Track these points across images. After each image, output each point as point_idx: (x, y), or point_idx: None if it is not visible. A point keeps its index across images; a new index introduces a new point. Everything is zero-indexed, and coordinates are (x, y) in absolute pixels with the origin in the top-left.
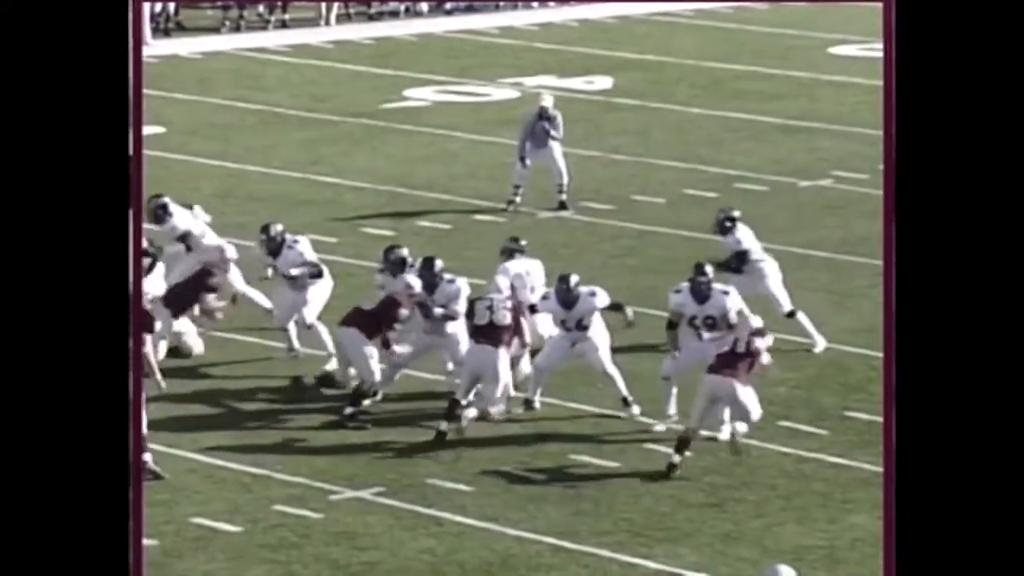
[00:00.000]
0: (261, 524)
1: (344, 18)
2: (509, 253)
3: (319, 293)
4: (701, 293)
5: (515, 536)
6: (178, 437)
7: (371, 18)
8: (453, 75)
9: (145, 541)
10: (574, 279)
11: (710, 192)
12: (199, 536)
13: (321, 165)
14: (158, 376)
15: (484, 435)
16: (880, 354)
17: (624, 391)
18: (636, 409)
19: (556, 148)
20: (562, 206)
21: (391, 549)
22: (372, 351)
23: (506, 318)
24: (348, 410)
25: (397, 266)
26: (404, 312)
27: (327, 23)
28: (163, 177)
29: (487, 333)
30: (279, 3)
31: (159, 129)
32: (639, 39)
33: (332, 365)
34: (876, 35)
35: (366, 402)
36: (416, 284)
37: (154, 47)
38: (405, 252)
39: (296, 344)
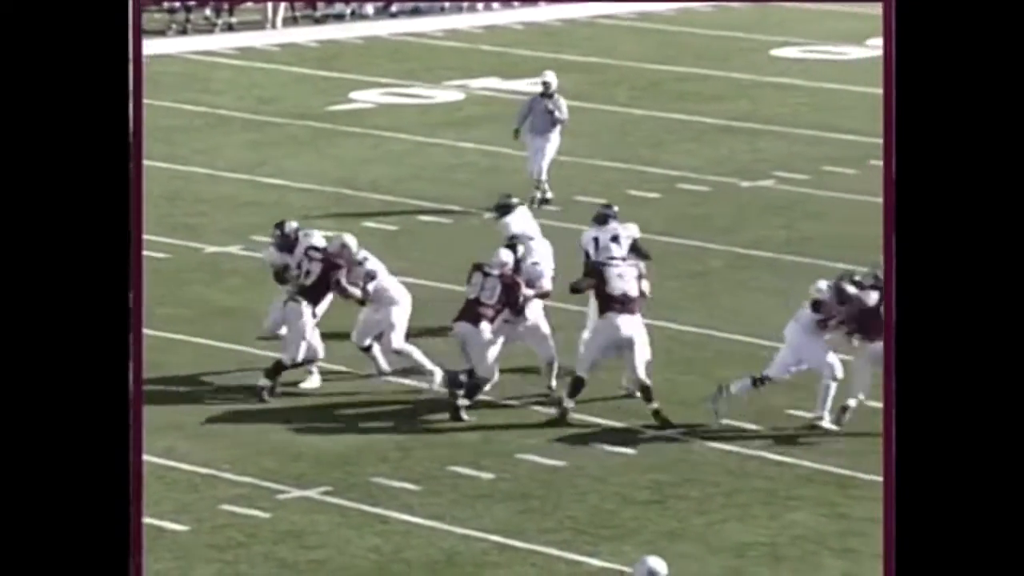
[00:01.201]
0: (209, 524)
1: (290, 21)
2: (603, 219)
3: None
4: (843, 294)
5: (461, 534)
6: None
7: (317, 21)
8: (398, 77)
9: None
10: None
11: (652, 193)
12: (147, 536)
13: (267, 167)
14: None
15: (431, 434)
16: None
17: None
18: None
19: (554, 140)
20: (545, 202)
21: (338, 547)
22: (491, 344)
23: (634, 287)
24: (463, 402)
25: (285, 240)
26: (525, 291)
27: (273, 26)
28: None
29: (622, 303)
30: (226, 6)
31: None
32: (582, 42)
33: (313, 382)
34: (818, 38)
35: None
36: (510, 259)
37: None
38: (295, 224)
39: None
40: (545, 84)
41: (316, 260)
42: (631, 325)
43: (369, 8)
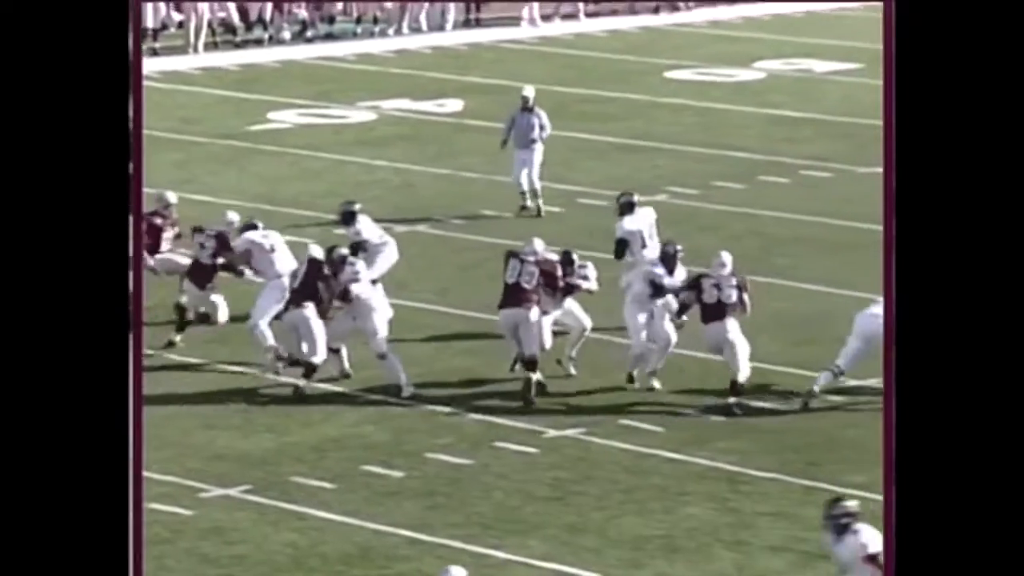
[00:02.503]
0: None
1: (211, 46)
2: (628, 207)
3: (272, 296)
4: None
5: (374, 529)
6: None
7: (237, 46)
8: (314, 99)
9: None
10: (679, 245)
11: (556, 207)
12: None
13: (192, 184)
14: None
15: (345, 435)
16: (714, 357)
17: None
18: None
19: (538, 152)
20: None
21: (257, 543)
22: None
23: (731, 296)
24: (536, 376)
25: (245, 231)
26: (568, 280)
27: (195, 51)
28: None
29: (716, 311)
30: (150, 32)
31: None
32: (488, 64)
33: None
34: (708, 61)
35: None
36: (541, 246)
37: None
38: (259, 225)
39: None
40: (524, 99)
41: (304, 266)
42: (719, 330)
43: (286, 34)
